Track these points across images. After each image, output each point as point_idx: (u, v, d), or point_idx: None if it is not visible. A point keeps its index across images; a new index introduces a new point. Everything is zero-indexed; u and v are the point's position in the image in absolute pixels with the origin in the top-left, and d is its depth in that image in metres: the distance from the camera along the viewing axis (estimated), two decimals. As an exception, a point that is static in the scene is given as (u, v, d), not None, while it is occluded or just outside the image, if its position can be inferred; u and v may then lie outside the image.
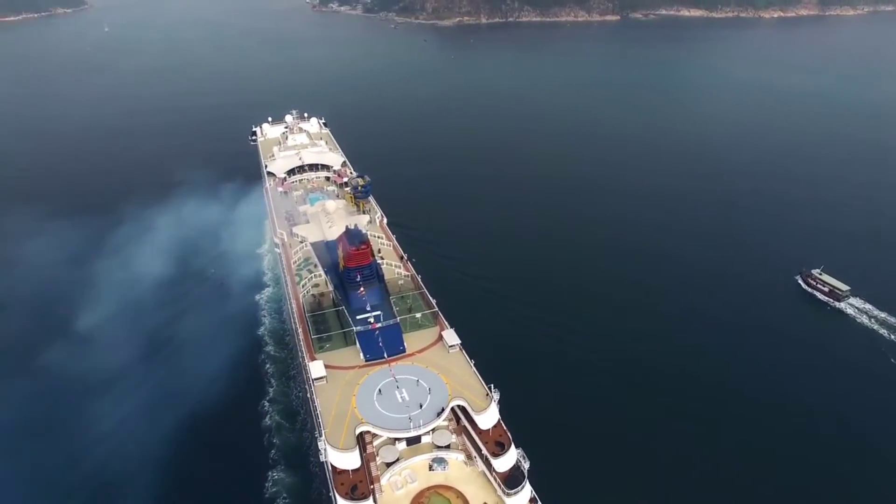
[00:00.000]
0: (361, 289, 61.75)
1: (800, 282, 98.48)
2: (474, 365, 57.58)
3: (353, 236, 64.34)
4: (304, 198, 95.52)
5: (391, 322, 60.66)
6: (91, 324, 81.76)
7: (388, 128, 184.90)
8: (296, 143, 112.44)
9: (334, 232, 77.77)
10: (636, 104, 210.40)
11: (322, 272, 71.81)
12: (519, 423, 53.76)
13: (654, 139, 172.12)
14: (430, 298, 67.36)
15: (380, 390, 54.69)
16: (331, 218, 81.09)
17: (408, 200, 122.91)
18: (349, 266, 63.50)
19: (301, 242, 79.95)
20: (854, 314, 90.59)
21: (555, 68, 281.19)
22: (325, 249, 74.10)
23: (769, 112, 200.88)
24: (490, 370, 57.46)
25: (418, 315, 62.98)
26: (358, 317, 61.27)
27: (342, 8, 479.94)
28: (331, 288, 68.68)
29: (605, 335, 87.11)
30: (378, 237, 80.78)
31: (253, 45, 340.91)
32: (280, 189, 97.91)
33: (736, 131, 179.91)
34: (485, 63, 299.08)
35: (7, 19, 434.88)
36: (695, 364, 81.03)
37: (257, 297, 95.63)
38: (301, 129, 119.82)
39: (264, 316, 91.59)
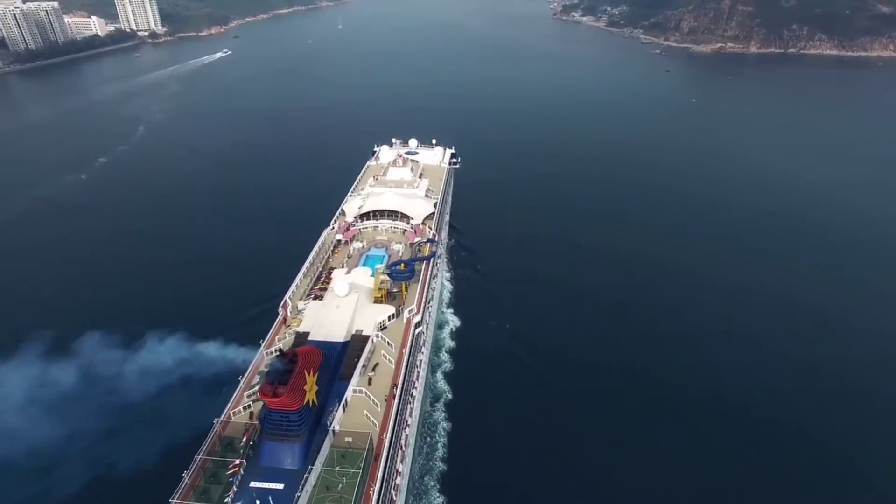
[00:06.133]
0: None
1: None
2: None
3: (272, 374, 45.56)
4: (362, 254, 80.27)
5: (283, 513, 40.99)
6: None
7: (549, 188, 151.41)
8: (393, 179, 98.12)
9: (325, 327, 60.51)
10: None
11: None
12: None
13: None
14: (377, 479, 45.68)
15: None
16: (338, 304, 63.20)
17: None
18: (269, 407, 45.44)
19: (300, 323, 64.17)
20: None
21: (864, 140, 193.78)
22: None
23: None
24: None
25: (329, 513, 41.96)
26: (251, 483, 43.20)
27: (584, 18, 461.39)
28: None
29: None
30: (387, 345, 60.70)
31: (474, 54, 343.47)
32: (339, 236, 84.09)
33: None
34: (742, 118, 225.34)
35: (281, 11, 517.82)
36: None
37: None
38: (410, 161, 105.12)
39: None
